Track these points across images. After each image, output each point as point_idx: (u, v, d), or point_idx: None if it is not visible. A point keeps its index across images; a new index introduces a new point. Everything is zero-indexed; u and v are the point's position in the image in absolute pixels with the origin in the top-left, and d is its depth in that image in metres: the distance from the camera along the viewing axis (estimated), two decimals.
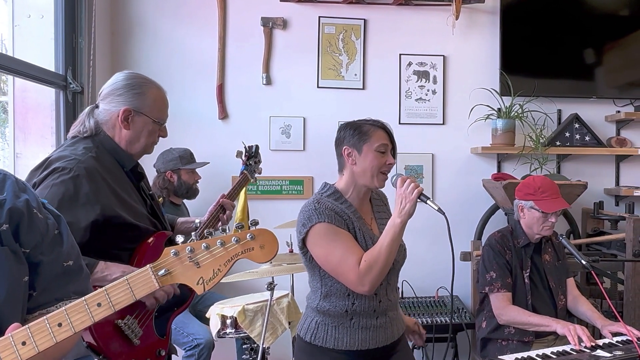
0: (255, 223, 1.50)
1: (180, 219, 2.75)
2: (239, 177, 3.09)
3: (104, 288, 1.37)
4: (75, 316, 1.33)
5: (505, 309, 3.19)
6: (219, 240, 1.42)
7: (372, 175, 2.40)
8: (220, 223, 2.64)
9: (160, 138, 2.41)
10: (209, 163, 4.18)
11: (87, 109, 2.31)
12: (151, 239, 2.27)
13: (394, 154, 2.48)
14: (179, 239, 1.45)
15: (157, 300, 2.17)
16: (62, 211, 2.00)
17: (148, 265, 1.40)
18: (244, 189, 3.59)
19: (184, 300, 2.42)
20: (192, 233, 1.49)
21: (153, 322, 2.28)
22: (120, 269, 2.05)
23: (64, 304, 1.40)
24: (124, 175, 2.31)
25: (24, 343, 1.29)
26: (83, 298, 1.35)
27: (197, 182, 4.14)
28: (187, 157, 4.09)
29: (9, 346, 1.28)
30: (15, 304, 1.37)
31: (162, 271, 1.40)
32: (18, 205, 1.38)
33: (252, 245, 1.45)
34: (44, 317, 1.32)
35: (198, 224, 2.71)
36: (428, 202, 2.30)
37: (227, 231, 1.47)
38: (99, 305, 1.35)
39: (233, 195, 2.87)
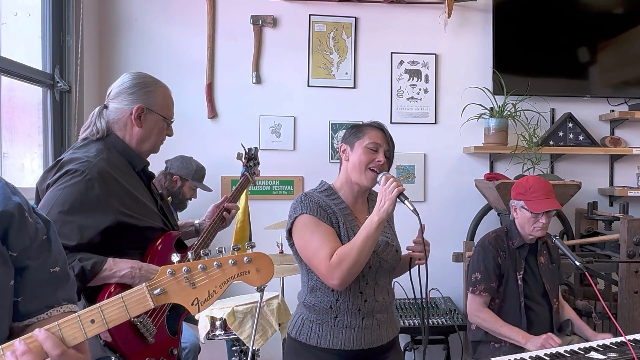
0: (252, 246, 1.52)
1: (179, 223, 2.77)
2: (240, 180, 3.12)
3: (98, 305, 1.37)
4: (68, 332, 1.33)
5: (478, 312, 3.22)
6: (215, 262, 1.44)
7: (360, 171, 2.42)
8: (224, 222, 2.72)
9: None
10: (212, 191, 4.19)
11: (96, 110, 2.33)
12: (161, 239, 2.30)
13: (389, 157, 2.47)
14: (175, 258, 1.46)
15: None
16: (74, 213, 2.05)
17: (144, 284, 1.41)
18: (245, 190, 3.58)
19: None
20: (189, 252, 1.50)
21: (165, 321, 2.29)
22: (129, 265, 2.10)
23: (55, 311, 1.42)
24: (135, 175, 2.34)
25: None
26: (77, 314, 1.34)
27: (190, 200, 4.16)
28: (200, 174, 4.14)
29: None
30: (1, 307, 1.35)
31: (158, 290, 1.41)
32: (9, 208, 1.37)
33: (249, 268, 1.46)
34: (35, 330, 1.31)
35: (197, 225, 2.77)
36: (405, 202, 2.28)
37: (224, 253, 1.49)
38: (92, 322, 1.35)
39: (235, 197, 2.91)
